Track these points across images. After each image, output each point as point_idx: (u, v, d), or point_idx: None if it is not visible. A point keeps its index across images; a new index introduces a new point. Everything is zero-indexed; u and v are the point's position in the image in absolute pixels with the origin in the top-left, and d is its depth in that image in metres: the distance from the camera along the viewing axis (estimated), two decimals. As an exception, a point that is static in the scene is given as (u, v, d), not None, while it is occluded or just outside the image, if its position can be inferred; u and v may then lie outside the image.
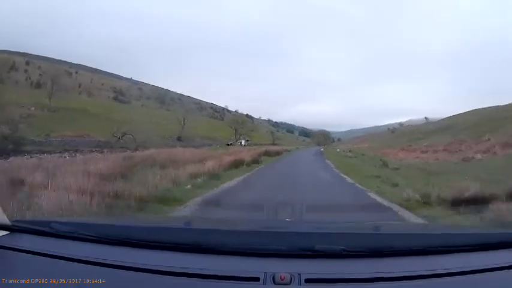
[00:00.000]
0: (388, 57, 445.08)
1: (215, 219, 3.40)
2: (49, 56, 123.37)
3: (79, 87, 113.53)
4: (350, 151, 41.96)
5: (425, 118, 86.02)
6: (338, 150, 50.01)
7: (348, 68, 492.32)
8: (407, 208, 6.01)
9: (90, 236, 1.40)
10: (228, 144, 52.92)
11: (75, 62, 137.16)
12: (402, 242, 1.43)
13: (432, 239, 1.51)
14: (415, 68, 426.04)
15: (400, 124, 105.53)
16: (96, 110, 57.09)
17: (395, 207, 6.20)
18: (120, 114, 55.98)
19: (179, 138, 46.41)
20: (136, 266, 1.19)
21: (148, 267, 1.18)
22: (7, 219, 1.46)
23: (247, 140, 64.99)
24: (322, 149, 55.48)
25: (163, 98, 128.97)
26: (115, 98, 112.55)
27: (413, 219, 5.27)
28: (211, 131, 66.20)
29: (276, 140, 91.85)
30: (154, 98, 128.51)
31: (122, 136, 30.81)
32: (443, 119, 70.05)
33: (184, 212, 5.42)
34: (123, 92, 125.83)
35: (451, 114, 72.21)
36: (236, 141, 62.50)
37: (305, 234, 1.54)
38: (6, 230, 1.44)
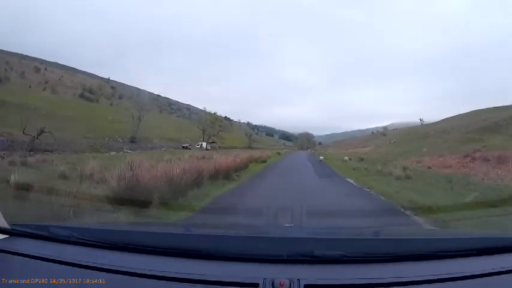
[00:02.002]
0: (368, 62, 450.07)
1: (214, 224, 3.29)
2: (23, 53, 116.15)
3: (45, 83, 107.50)
4: (362, 160, 28.87)
5: (420, 120, 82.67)
6: (346, 158, 31.48)
7: (329, 72, 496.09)
8: None
9: (89, 240, 1.38)
10: (184, 147, 43.67)
11: (52, 60, 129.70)
12: (402, 248, 1.41)
13: (432, 243, 1.49)
14: (396, 72, 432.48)
15: (385, 128, 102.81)
16: (41, 106, 49.53)
17: None
18: (70, 112, 48.93)
19: (132, 139, 39.49)
20: (135, 271, 1.18)
21: (147, 272, 1.17)
22: (6, 223, 1.45)
23: (212, 142, 54.60)
24: (321, 158, 33.53)
25: (137, 98, 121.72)
26: (81, 96, 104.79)
27: None
28: (179, 132, 59.03)
29: (253, 143, 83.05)
30: (127, 98, 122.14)
31: (39, 135, 24.06)
32: (438, 122, 65.66)
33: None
34: (93, 90, 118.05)
35: (444, 117, 67.96)
36: (201, 143, 51.88)
37: (304, 240, 1.51)
38: (5, 234, 1.43)
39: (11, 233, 1.44)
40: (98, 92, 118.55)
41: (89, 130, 37.98)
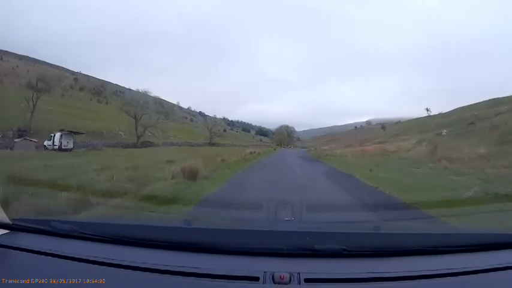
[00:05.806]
0: (345, 59, 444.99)
1: (214, 218, 3.31)
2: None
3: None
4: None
5: (427, 109, 74.93)
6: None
7: (307, 69, 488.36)
8: None
9: (91, 234, 1.39)
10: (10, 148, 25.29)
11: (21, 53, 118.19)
12: (402, 242, 1.41)
13: (433, 238, 1.50)
14: (373, 68, 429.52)
15: (368, 122, 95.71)
16: None
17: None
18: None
19: (21, 133, 29.17)
20: (136, 265, 1.19)
21: (148, 266, 1.18)
22: (7, 218, 1.44)
23: (75, 133, 32.05)
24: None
25: (101, 90, 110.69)
26: (28, 85, 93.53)
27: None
28: (117, 124, 48.51)
29: (217, 137, 68.76)
30: (89, 90, 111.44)
31: None
32: (445, 113, 57.14)
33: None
34: (48, 80, 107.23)
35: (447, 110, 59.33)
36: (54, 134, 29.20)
37: (305, 234, 1.49)
38: (6, 229, 1.42)
39: (12, 227, 1.43)
40: (54, 83, 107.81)
41: None
